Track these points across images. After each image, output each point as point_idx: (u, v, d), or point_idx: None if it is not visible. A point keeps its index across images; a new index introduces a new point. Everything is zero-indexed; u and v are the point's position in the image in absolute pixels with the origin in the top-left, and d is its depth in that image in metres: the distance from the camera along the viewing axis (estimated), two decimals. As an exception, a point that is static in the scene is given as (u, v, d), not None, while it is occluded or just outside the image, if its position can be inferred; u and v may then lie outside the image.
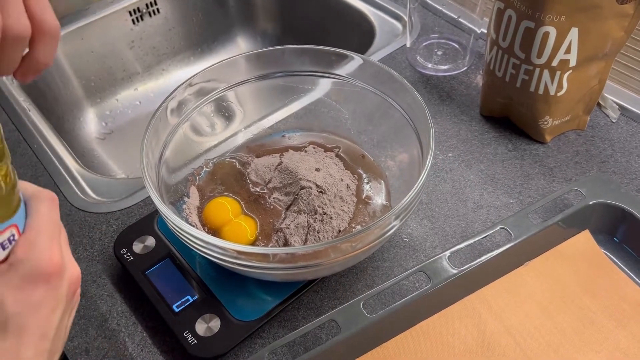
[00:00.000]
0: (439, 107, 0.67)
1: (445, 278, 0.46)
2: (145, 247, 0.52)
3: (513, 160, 0.60)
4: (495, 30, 0.58)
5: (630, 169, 0.58)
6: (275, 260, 0.43)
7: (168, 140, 0.53)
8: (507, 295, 0.47)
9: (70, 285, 0.31)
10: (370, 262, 0.52)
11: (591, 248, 0.50)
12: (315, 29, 0.95)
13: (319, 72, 0.57)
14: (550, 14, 0.52)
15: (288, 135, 0.60)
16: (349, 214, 0.51)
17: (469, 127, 0.64)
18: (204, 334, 0.46)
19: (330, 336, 0.46)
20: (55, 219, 0.31)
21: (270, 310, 0.48)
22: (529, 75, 0.57)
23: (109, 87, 0.91)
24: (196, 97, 0.55)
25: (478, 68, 0.72)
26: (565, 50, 0.54)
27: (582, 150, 0.61)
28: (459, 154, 0.62)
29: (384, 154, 0.57)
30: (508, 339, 0.45)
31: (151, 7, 0.90)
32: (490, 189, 0.58)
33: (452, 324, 0.46)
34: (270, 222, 0.51)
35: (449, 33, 0.74)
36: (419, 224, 0.55)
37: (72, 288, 0.32)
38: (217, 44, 1.01)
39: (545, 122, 0.60)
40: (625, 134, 0.62)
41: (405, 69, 0.72)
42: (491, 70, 0.61)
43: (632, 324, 0.45)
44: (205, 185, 0.55)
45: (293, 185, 0.52)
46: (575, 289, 0.48)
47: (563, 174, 0.59)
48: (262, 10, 1.01)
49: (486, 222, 0.55)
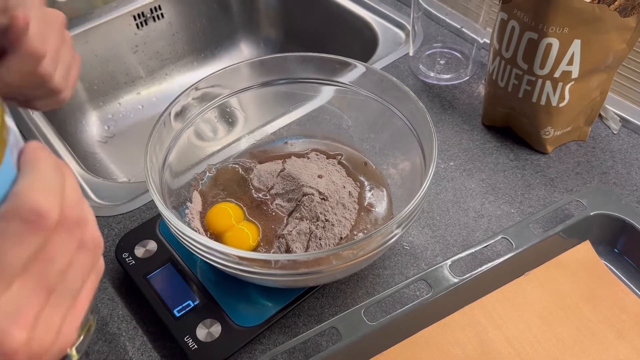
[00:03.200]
0: (441, 116, 0.67)
1: (446, 287, 0.46)
2: (146, 251, 0.52)
3: (514, 170, 0.61)
4: (499, 40, 0.59)
5: (631, 180, 0.59)
6: (276, 267, 0.43)
7: (172, 145, 0.53)
8: (508, 305, 0.47)
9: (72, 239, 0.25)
10: (371, 269, 0.53)
11: (592, 259, 0.50)
12: (318, 36, 0.95)
13: (322, 79, 0.58)
14: (553, 26, 0.53)
15: (290, 142, 0.61)
16: (351, 221, 0.51)
17: (470, 137, 0.65)
18: (204, 339, 0.46)
19: (330, 343, 0.47)
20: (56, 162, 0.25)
21: (271, 316, 0.48)
22: (531, 86, 0.58)
23: (111, 90, 0.91)
24: (200, 102, 0.56)
25: (480, 78, 0.72)
26: (568, 62, 0.55)
27: (583, 161, 0.61)
28: (460, 163, 0.62)
29: (386, 161, 0.57)
30: (508, 348, 0.45)
31: (155, 12, 0.91)
32: (492, 199, 0.58)
33: (453, 332, 0.46)
34: (272, 228, 0.51)
35: (451, 42, 0.75)
36: (420, 232, 0.55)
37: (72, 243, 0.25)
38: (221, 49, 1.01)
39: (546, 133, 0.60)
40: (626, 145, 0.62)
41: (407, 78, 0.73)
42: (494, 80, 0.62)
43: (632, 334, 0.45)
44: (207, 191, 0.55)
45: (295, 192, 0.52)
46: (576, 300, 0.48)
47: (564, 185, 0.59)
48: (265, 16, 1.01)
49: (487, 231, 0.55)
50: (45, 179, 0.24)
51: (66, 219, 0.24)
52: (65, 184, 0.25)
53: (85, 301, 0.28)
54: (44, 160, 0.24)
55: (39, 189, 0.23)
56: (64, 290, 0.25)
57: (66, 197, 0.25)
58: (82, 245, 0.26)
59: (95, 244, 0.27)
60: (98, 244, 0.27)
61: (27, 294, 0.23)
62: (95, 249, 0.27)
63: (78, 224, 0.25)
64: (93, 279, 0.28)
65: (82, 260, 0.26)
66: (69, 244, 0.25)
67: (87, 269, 0.27)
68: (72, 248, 0.25)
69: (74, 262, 0.26)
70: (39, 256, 0.24)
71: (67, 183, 0.25)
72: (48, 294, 0.24)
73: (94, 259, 0.27)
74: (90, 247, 0.27)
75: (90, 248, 0.27)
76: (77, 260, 0.26)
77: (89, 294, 0.28)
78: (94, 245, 0.27)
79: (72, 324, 0.27)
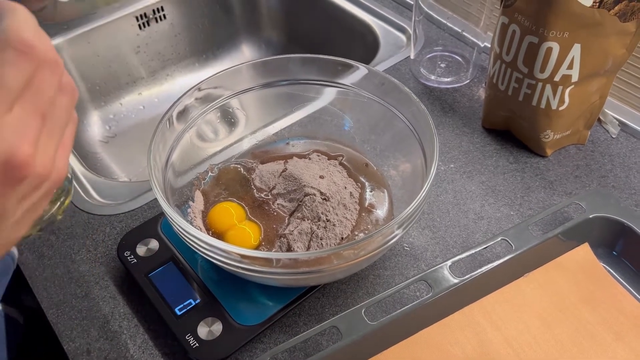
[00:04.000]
0: (441, 118, 0.68)
1: (446, 287, 0.46)
2: (148, 250, 0.52)
3: (514, 173, 0.61)
4: (499, 44, 0.59)
5: (629, 184, 0.59)
6: (278, 265, 0.43)
7: (174, 145, 0.53)
8: (507, 306, 0.48)
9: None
10: (372, 270, 0.53)
11: (590, 261, 0.51)
12: (319, 38, 0.96)
13: (324, 81, 0.58)
14: (553, 30, 0.53)
15: (292, 143, 0.61)
16: (352, 221, 0.52)
17: (470, 139, 0.65)
18: (205, 337, 0.46)
19: (331, 342, 0.47)
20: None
21: (272, 315, 0.48)
22: (531, 90, 0.58)
23: (113, 91, 0.92)
24: (203, 103, 0.56)
25: (480, 81, 0.72)
26: (568, 66, 0.55)
27: (582, 164, 0.62)
28: (460, 165, 0.62)
29: (387, 163, 0.58)
30: (507, 349, 0.45)
31: (158, 13, 0.91)
32: (491, 201, 0.58)
33: (452, 333, 0.46)
34: (274, 227, 0.52)
35: (452, 46, 0.75)
36: (421, 234, 0.56)
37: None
38: (222, 51, 1.02)
39: (546, 136, 0.61)
40: (625, 149, 0.63)
41: (408, 81, 0.73)
42: (494, 83, 0.62)
43: (630, 336, 0.46)
44: (210, 190, 0.56)
45: (297, 192, 0.53)
46: (574, 301, 0.48)
47: (563, 188, 0.59)
48: (267, 19, 1.02)
49: (487, 233, 0.56)
50: (27, 19, 0.27)
51: (47, 57, 0.27)
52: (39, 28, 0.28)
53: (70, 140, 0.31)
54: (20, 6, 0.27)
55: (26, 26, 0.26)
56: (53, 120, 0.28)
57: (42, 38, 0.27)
58: (61, 86, 0.29)
59: (72, 88, 0.30)
60: (74, 89, 0.30)
61: (26, 116, 0.26)
62: (73, 92, 0.30)
63: (57, 63, 0.28)
64: (72, 125, 0.31)
65: (64, 100, 0.29)
66: (52, 78, 0.28)
67: (69, 108, 0.30)
68: (55, 83, 0.28)
69: (58, 99, 0.29)
70: (31, 85, 0.26)
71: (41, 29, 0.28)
72: (43, 119, 0.27)
73: (72, 101, 0.30)
74: (68, 89, 0.29)
75: (68, 90, 0.29)
76: (60, 98, 0.29)
77: (71, 136, 0.31)
78: (71, 89, 0.30)
79: (64, 154, 0.30)
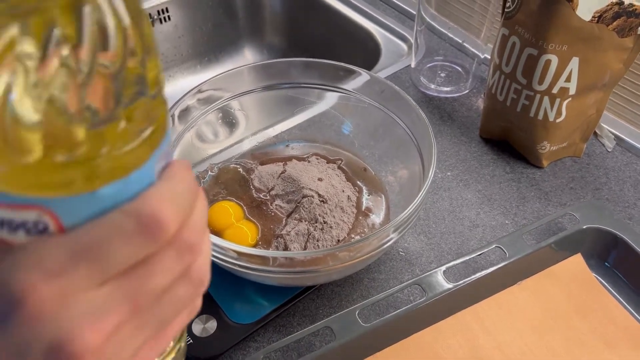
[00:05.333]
0: (439, 127, 0.69)
1: (440, 292, 0.47)
2: (145, 246, 0.53)
3: (510, 183, 0.62)
4: (499, 55, 0.60)
5: (623, 197, 0.60)
6: (274, 264, 0.44)
7: (175, 145, 0.54)
8: (500, 312, 0.48)
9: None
10: (367, 273, 0.53)
11: (582, 271, 0.51)
12: (321, 45, 0.97)
13: (325, 85, 0.59)
14: (552, 43, 0.54)
15: (292, 145, 0.62)
16: (349, 224, 0.52)
17: (468, 148, 0.66)
18: (200, 334, 0.47)
19: (324, 343, 0.47)
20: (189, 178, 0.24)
21: (266, 314, 0.48)
22: (529, 101, 0.59)
23: (115, 90, 0.92)
24: (203, 104, 0.57)
25: (479, 92, 0.73)
26: (566, 79, 0.56)
27: (577, 176, 0.62)
28: (457, 173, 0.63)
29: (385, 168, 0.58)
30: (499, 355, 0.46)
31: (162, 14, 0.92)
32: (487, 209, 0.59)
33: (445, 337, 0.46)
34: (271, 228, 0.52)
35: (453, 56, 0.76)
36: (416, 239, 0.56)
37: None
38: (224, 54, 1.02)
39: (543, 147, 0.62)
40: (619, 163, 0.64)
41: (408, 89, 0.74)
42: (493, 94, 0.63)
43: (620, 346, 0.46)
44: (209, 189, 0.56)
45: (295, 194, 0.53)
46: (566, 310, 0.49)
47: (558, 199, 0.60)
48: (270, 24, 1.03)
49: (482, 240, 0.56)
50: (176, 193, 0.22)
51: (181, 240, 0.22)
52: (195, 207, 0.24)
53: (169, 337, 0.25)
54: (183, 176, 0.23)
55: (167, 199, 0.22)
56: (151, 315, 0.23)
57: (190, 219, 0.23)
58: (186, 274, 0.24)
59: (200, 280, 0.25)
60: (202, 281, 0.25)
61: (114, 300, 0.21)
62: (199, 285, 0.25)
63: (191, 249, 0.23)
64: (185, 316, 0.25)
65: (182, 291, 0.24)
66: (174, 266, 0.23)
67: (183, 302, 0.24)
68: (175, 272, 0.23)
69: (172, 290, 0.23)
70: (139, 268, 0.22)
71: (197, 207, 0.24)
72: (134, 311, 0.22)
73: (194, 294, 0.25)
74: (194, 279, 0.24)
75: (193, 281, 0.24)
76: (176, 289, 0.23)
77: (176, 331, 0.25)
78: (198, 280, 0.24)
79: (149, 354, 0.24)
